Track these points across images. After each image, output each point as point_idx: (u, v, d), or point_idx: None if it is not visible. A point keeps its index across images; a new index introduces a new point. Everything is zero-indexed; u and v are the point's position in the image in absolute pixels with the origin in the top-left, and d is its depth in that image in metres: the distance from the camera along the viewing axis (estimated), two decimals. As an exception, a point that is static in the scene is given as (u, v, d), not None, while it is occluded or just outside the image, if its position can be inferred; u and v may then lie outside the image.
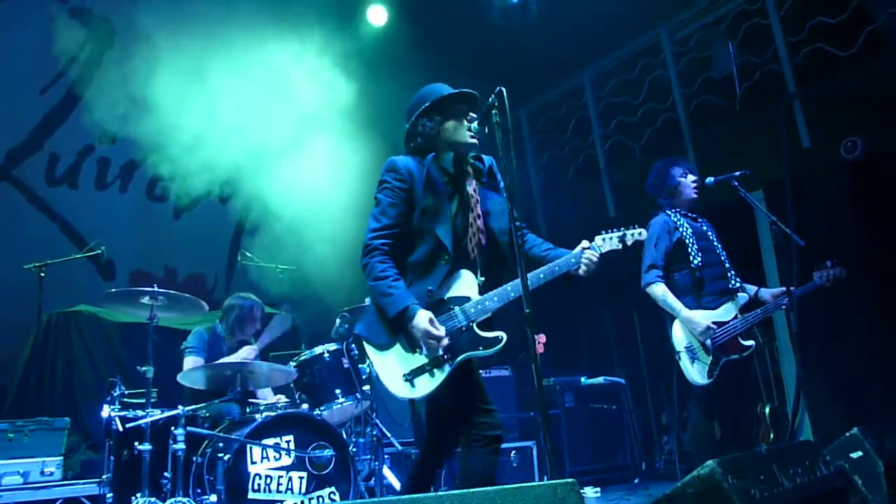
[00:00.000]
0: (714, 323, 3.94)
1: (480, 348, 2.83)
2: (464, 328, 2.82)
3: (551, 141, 8.09)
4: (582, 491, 2.10)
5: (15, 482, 4.11)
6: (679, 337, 3.98)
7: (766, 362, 6.27)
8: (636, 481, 5.79)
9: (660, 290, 4.02)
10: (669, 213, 4.18)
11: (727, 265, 4.08)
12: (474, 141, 2.99)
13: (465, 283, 2.89)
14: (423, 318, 2.72)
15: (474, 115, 3.00)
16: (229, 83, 5.86)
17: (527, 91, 8.03)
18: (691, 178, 4.22)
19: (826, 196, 5.32)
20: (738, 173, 4.30)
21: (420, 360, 2.78)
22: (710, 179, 4.33)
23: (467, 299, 2.86)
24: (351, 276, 5.98)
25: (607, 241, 3.04)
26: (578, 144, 7.74)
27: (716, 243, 4.13)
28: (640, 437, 6.29)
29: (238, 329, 4.73)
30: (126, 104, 5.84)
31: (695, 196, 4.18)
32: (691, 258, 4.00)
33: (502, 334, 2.85)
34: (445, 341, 2.74)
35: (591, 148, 7.60)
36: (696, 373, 3.94)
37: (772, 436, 5.82)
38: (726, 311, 4.00)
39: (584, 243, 2.98)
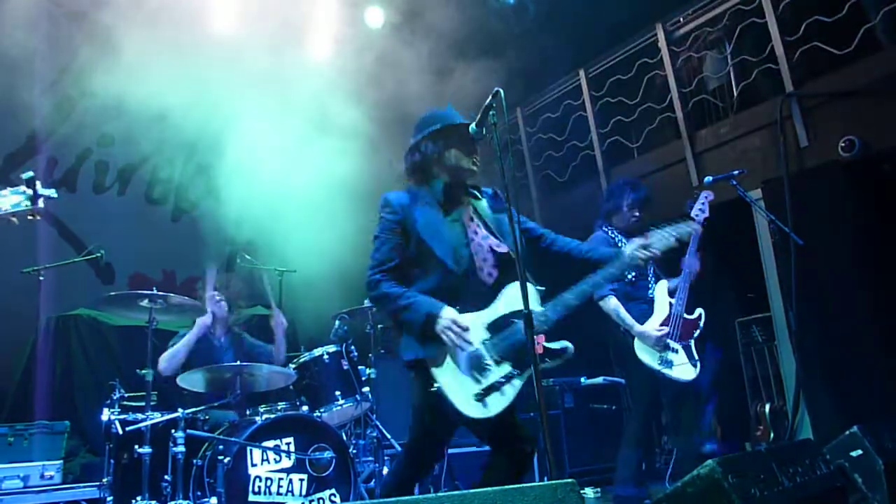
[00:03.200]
0: (661, 325, 4.00)
1: (547, 360, 2.86)
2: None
3: (549, 141, 8.10)
4: (582, 491, 2.10)
5: (15, 486, 4.11)
6: (646, 357, 3.99)
7: (766, 361, 6.28)
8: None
9: (613, 304, 4.10)
10: (606, 229, 4.30)
11: (650, 275, 4.19)
12: (475, 168, 3.00)
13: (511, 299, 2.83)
14: (449, 312, 2.72)
15: (477, 155, 3.01)
16: (226, 88, 5.86)
17: (524, 92, 8.03)
18: (636, 213, 4.29)
19: (824, 195, 5.33)
20: (736, 172, 4.33)
21: (489, 379, 2.75)
22: (708, 178, 4.36)
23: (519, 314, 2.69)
24: (348, 278, 5.97)
25: (662, 240, 3.00)
26: (576, 145, 7.74)
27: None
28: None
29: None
30: (124, 108, 5.83)
31: (634, 224, 4.24)
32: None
33: (569, 345, 2.87)
34: (468, 335, 2.71)
35: (589, 148, 7.60)
36: (683, 372, 3.98)
37: (771, 435, 5.82)
38: (661, 304, 4.07)
39: (638, 241, 2.97)
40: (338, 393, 4.47)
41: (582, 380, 6.12)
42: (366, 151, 6.21)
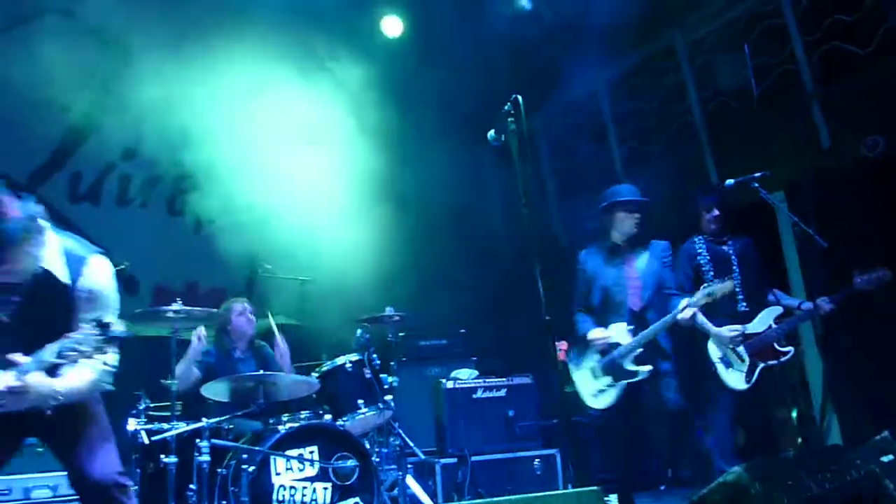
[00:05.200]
0: (745, 334, 4.16)
1: (632, 377, 4.04)
2: (621, 362, 4.07)
3: (568, 147, 8.07)
4: (607, 499, 2.09)
5: (45, 496, 4.16)
6: (712, 348, 4.23)
7: (794, 365, 6.19)
8: (662, 488, 5.72)
9: (688, 314, 4.15)
10: (694, 241, 4.48)
11: (738, 288, 4.29)
12: (631, 231, 4.22)
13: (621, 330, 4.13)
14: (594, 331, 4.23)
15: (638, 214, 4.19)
16: (244, 99, 5.93)
17: (543, 97, 8.03)
18: (714, 213, 4.47)
19: (848, 195, 5.26)
20: (758, 175, 4.29)
21: (603, 382, 4.16)
22: (729, 182, 4.34)
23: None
24: (368, 287, 6.00)
25: (701, 299, 3.94)
26: (595, 150, 7.71)
27: (735, 267, 4.36)
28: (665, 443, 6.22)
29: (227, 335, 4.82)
30: (145, 122, 5.93)
31: (713, 228, 4.49)
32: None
33: (646, 368, 4.00)
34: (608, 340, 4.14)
35: (607, 154, 7.56)
36: (733, 379, 4.14)
37: (799, 440, 5.74)
38: (760, 323, 4.21)
39: (684, 302, 3.97)
40: (360, 401, 4.48)
41: (604, 386, 6.07)
42: (386, 157, 6.26)
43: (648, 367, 4.00)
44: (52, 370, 2.54)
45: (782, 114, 5.90)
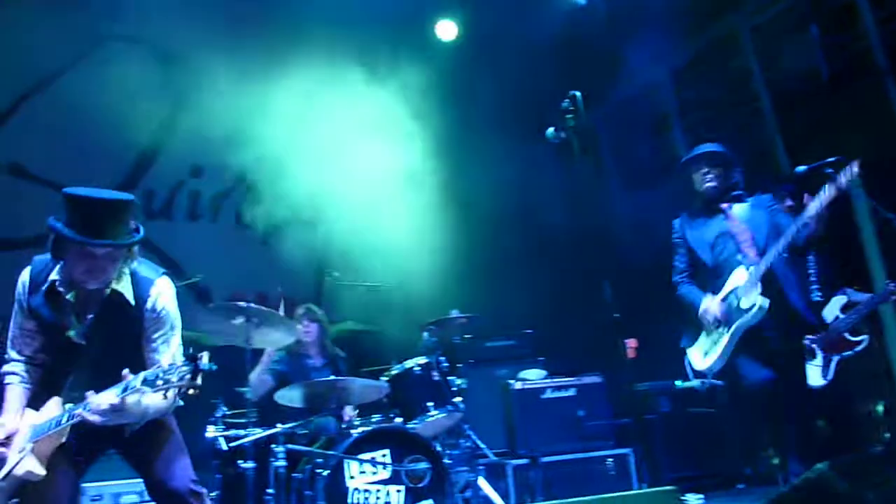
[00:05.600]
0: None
1: (746, 317, 3.66)
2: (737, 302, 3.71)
3: (629, 140, 7.93)
4: (684, 498, 2.04)
5: (132, 500, 4.33)
6: None
7: (875, 354, 5.91)
8: (740, 487, 5.56)
9: None
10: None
11: (813, 278, 4.23)
12: (707, 186, 3.95)
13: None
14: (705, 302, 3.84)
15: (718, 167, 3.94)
16: (306, 109, 6.06)
17: (601, 92, 7.92)
18: (788, 202, 4.34)
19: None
20: (831, 160, 4.12)
21: (716, 335, 3.77)
22: (800, 168, 4.17)
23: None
24: (433, 289, 6.04)
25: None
26: (657, 143, 7.55)
27: (810, 256, 4.28)
28: (742, 440, 6.04)
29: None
30: (211, 138, 6.13)
31: None
32: None
33: (761, 301, 3.60)
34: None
35: (670, 145, 7.40)
36: (811, 375, 3.97)
37: (887, 435, 5.48)
38: (828, 312, 4.04)
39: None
40: (429, 404, 4.50)
41: (676, 383, 5.94)
42: (447, 159, 6.29)
43: (765, 301, 3.61)
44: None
45: (855, 95, 5.66)
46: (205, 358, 2.49)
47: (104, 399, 2.54)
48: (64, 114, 6.04)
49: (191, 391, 2.50)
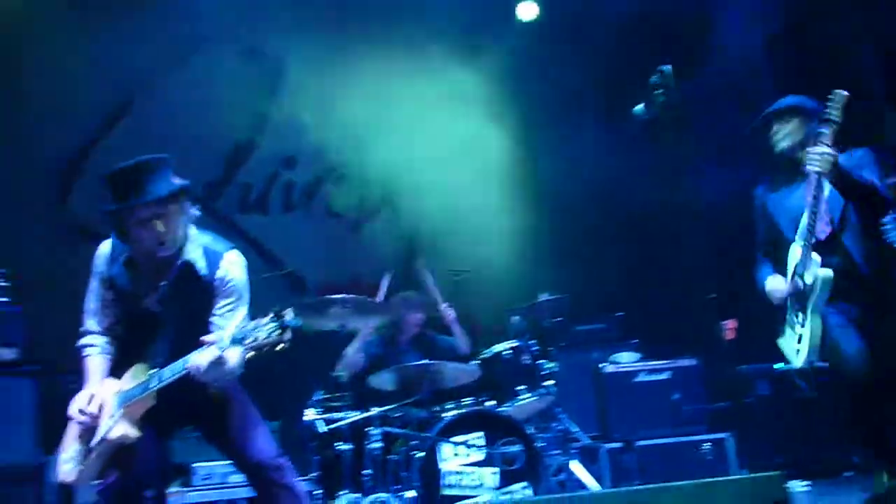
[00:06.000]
0: None
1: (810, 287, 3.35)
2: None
3: (721, 113, 7.62)
4: (787, 484, 1.97)
5: (238, 480, 4.53)
6: None
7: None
8: (847, 475, 5.29)
9: None
10: None
11: None
12: (782, 145, 3.58)
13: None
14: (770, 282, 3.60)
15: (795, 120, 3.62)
16: (391, 97, 6.16)
17: (691, 64, 7.63)
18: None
19: None
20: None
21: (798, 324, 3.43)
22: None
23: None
24: (518, 273, 6.02)
25: None
26: (750, 116, 7.21)
27: None
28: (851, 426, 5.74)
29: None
30: (302, 129, 6.32)
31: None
32: None
33: (823, 275, 3.27)
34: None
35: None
36: None
37: None
38: None
39: None
40: (520, 388, 4.51)
41: (775, 366, 5.70)
42: (531, 141, 6.23)
43: (826, 272, 3.28)
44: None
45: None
46: (290, 314, 2.52)
47: (205, 357, 2.62)
48: (162, 117, 6.34)
49: (278, 346, 2.52)
